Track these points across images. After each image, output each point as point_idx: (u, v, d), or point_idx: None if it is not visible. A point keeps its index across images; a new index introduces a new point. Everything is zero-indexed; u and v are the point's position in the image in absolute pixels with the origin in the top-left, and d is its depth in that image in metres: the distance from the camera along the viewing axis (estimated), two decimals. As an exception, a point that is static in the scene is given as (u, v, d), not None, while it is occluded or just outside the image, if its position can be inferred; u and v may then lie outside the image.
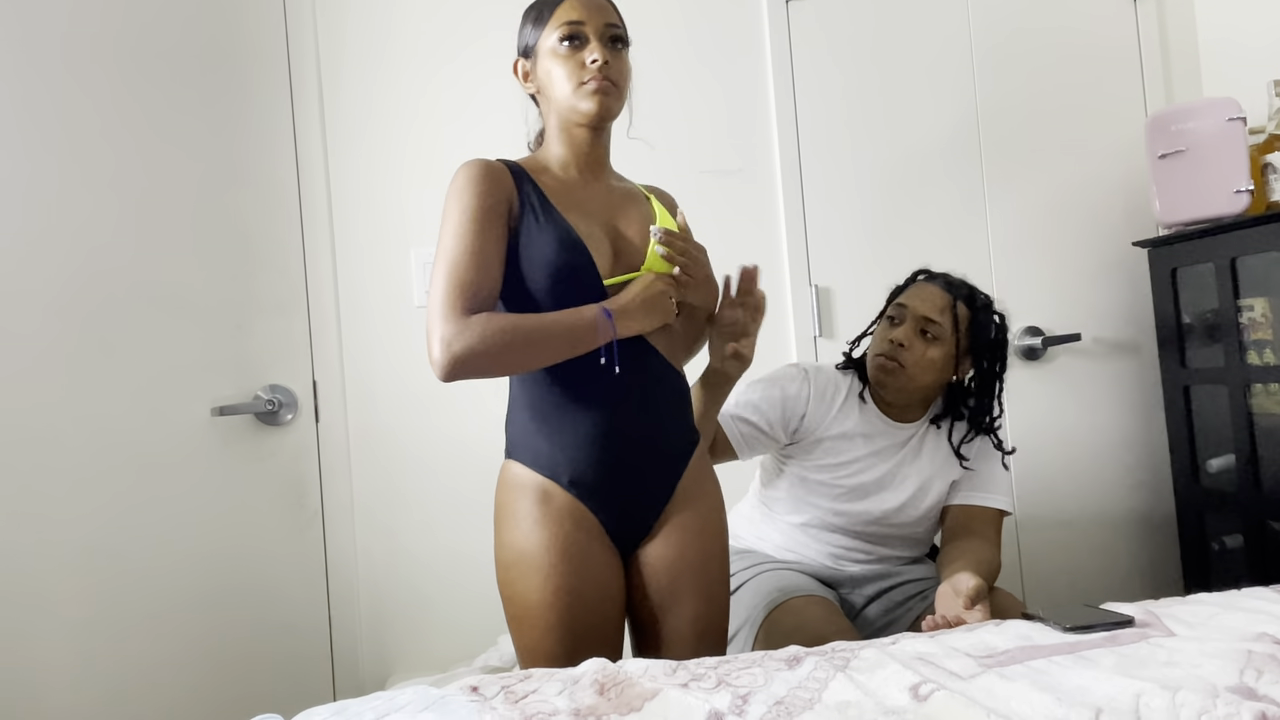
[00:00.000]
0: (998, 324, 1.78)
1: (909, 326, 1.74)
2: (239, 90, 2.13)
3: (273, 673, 2.08)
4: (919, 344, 1.72)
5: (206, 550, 2.03)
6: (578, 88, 1.38)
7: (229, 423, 2.08)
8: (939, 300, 1.75)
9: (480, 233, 1.33)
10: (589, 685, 1.08)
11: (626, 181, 1.54)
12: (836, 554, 1.81)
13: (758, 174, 2.41)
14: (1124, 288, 2.53)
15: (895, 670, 1.09)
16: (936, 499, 1.79)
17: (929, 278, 1.83)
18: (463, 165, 1.40)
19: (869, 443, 1.77)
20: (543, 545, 1.35)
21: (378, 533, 2.21)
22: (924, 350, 1.72)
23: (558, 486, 1.37)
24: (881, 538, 1.81)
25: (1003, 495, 1.78)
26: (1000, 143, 2.49)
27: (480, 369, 1.30)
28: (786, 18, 2.41)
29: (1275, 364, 2.09)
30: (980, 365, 1.77)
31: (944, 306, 1.74)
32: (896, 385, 1.74)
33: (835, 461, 1.77)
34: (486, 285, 1.32)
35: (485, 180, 1.37)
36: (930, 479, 1.78)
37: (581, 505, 1.37)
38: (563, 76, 1.39)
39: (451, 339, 1.27)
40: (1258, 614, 1.24)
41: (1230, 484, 2.22)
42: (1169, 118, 2.25)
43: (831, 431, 1.77)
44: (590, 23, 1.39)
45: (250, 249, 2.13)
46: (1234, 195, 2.12)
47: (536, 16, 1.43)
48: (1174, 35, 2.59)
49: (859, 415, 1.78)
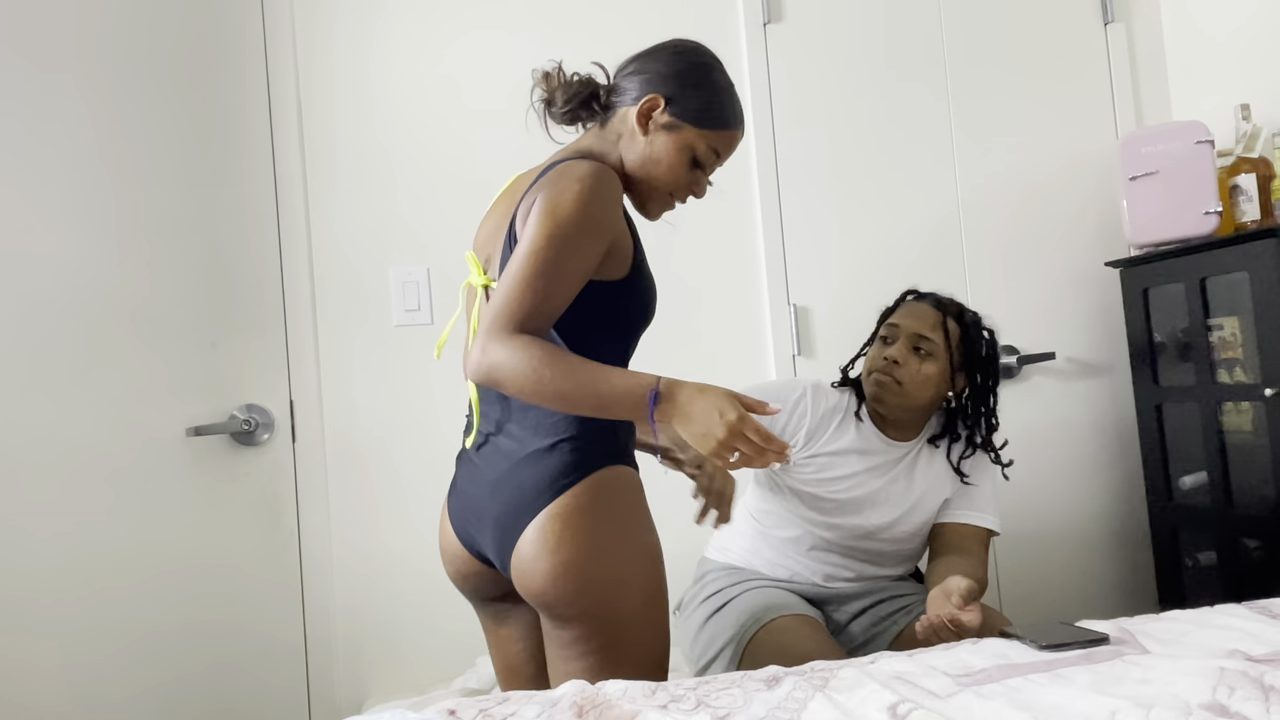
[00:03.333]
0: (988, 339, 1.81)
1: (902, 344, 1.76)
2: (217, 106, 2.13)
3: (247, 695, 2.05)
4: (913, 361, 1.75)
5: (181, 572, 2.00)
6: (664, 195, 1.38)
7: (205, 443, 2.06)
8: (930, 317, 1.78)
9: (586, 256, 1.22)
10: (568, 708, 1.07)
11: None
12: (828, 572, 1.82)
13: (737, 193, 2.42)
14: (1097, 307, 2.56)
15: (874, 690, 1.10)
16: (927, 516, 1.81)
17: (918, 297, 1.86)
18: (592, 167, 1.25)
19: (864, 459, 1.79)
20: (656, 545, 1.32)
21: (355, 554, 2.19)
22: (919, 367, 1.74)
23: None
24: (872, 555, 1.82)
25: (992, 515, 1.80)
26: (975, 163, 2.52)
27: (513, 390, 1.18)
28: (764, 39, 2.43)
29: (1245, 382, 2.12)
30: (974, 380, 1.80)
31: (935, 323, 1.77)
32: (894, 402, 1.76)
33: (829, 476, 1.78)
34: (556, 313, 1.22)
35: (614, 199, 1.26)
36: (922, 497, 1.80)
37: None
38: (674, 175, 1.35)
39: (482, 353, 1.18)
40: (1230, 631, 1.25)
41: (1203, 501, 2.25)
42: (1140, 140, 2.29)
43: (828, 448, 1.78)
44: (725, 159, 1.40)
45: (227, 267, 2.12)
46: (1203, 216, 2.16)
47: (711, 112, 1.35)
48: (1143, 59, 2.64)
49: (855, 432, 1.80)
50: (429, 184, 2.28)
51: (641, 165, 1.35)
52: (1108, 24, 2.61)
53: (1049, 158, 2.56)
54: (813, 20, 2.47)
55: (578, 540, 1.24)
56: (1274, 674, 1.06)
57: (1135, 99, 2.62)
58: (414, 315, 2.25)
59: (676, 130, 1.34)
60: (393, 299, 2.24)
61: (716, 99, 1.36)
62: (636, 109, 1.34)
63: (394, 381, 2.22)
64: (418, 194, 2.28)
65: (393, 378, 2.22)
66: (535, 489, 1.26)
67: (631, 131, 1.35)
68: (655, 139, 1.34)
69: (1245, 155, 2.19)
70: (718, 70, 1.38)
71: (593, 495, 1.26)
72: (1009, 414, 2.49)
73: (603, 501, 1.27)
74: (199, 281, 2.08)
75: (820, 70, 2.47)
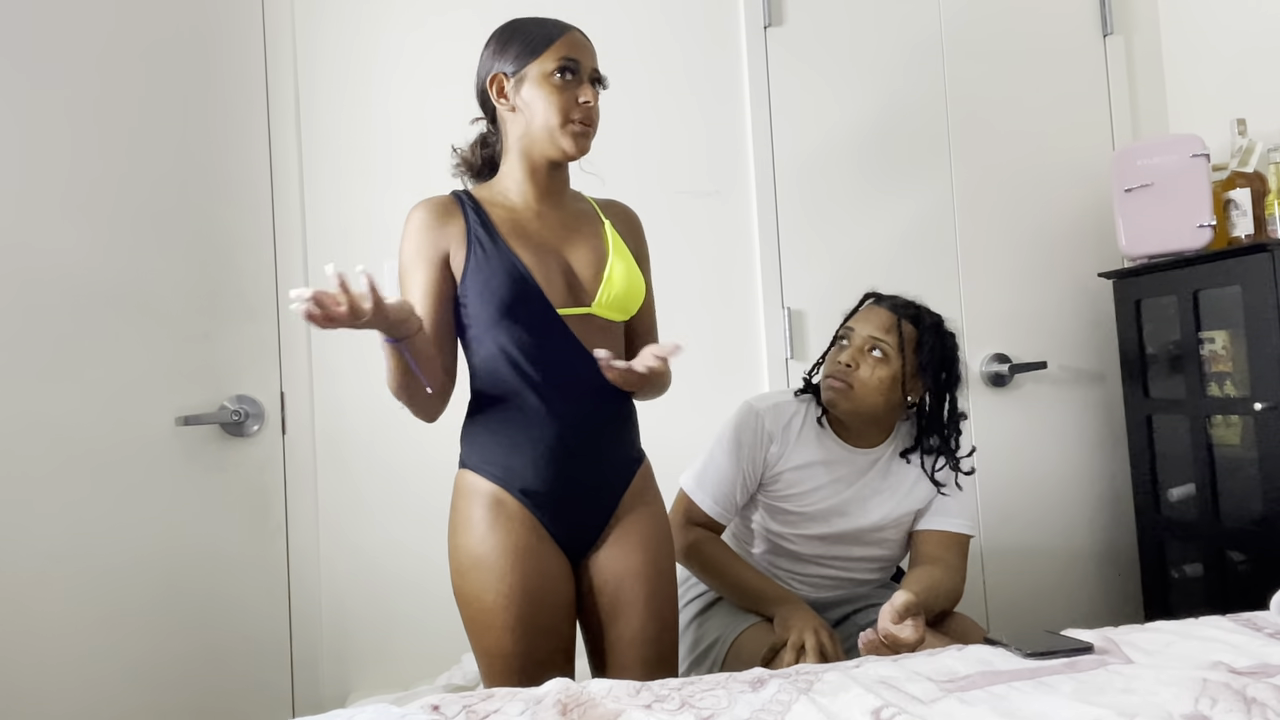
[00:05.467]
0: (947, 342, 1.78)
1: (855, 348, 1.75)
2: (214, 94, 2.12)
3: (232, 687, 2.04)
4: (866, 364, 1.72)
5: (167, 562, 2.00)
6: (564, 124, 1.43)
7: (193, 433, 2.05)
8: (884, 320, 1.75)
9: (420, 279, 1.46)
10: (551, 705, 1.07)
11: (584, 201, 1.57)
12: (809, 582, 1.82)
13: (733, 196, 2.42)
14: (1090, 318, 2.57)
15: (858, 694, 1.10)
16: (902, 523, 1.80)
17: (877, 300, 1.84)
18: (413, 208, 1.48)
19: (829, 470, 1.78)
20: (497, 548, 1.41)
21: (342, 548, 2.18)
22: (871, 370, 1.72)
23: (509, 495, 1.43)
24: (848, 562, 1.82)
25: (965, 519, 1.79)
26: (972, 171, 2.53)
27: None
28: (764, 43, 2.43)
29: (1234, 396, 2.13)
30: (933, 384, 1.77)
31: (889, 326, 1.74)
32: (847, 407, 1.74)
33: (798, 491, 1.77)
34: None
35: (423, 225, 1.46)
36: (895, 504, 1.79)
37: (531, 514, 1.43)
38: (551, 108, 1.43)
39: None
40: (1214, 643, 1.26)
41: (1190, 513, 2.25)
42: (1135, 152, 2.30)
43: (792, 463, 1.77)
44: (584, 62, 1.45)
45: (221, 256, 2.11)
46: (1197, 230, 2.17)
47: (528, 42, 1.45)
48: (1141, 72, 2.65)
49: (817, 443, 1.79)
50: (426, 178, 2.26)
51: (529, 125, 1.45)
52: (1106, 36, 2.62)
53: (1045, 167, 2.57)
54: (813, 26, 2.47)
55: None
56: (1256, 686, 1.06)
57: (1132, 111, 2.63)
58: (407, 310, 2.24)
59: (523, 78, 1.44)
60: (388, 292, 2.22)
61: (529, 31, 1.46)
62: (493, 97, 1.47)
63: (385, 375, 2.21)
64: (414, 187, 2.26)
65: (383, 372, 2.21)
66: None
67: (509, 117, 1.47)
68: (519, 100, 1.45)
69: (1240, 170, 2.20)
70: (519, 19, 1.50)
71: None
72: (1000, 422, 2.50)
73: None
74: (192, 271, 2.07)
75: (819, 75, 2.47)
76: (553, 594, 1.43)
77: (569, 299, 1.45)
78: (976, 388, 2.50)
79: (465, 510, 1.45)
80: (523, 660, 1.39)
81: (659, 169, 2.35)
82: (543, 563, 1.42)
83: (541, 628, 1.41)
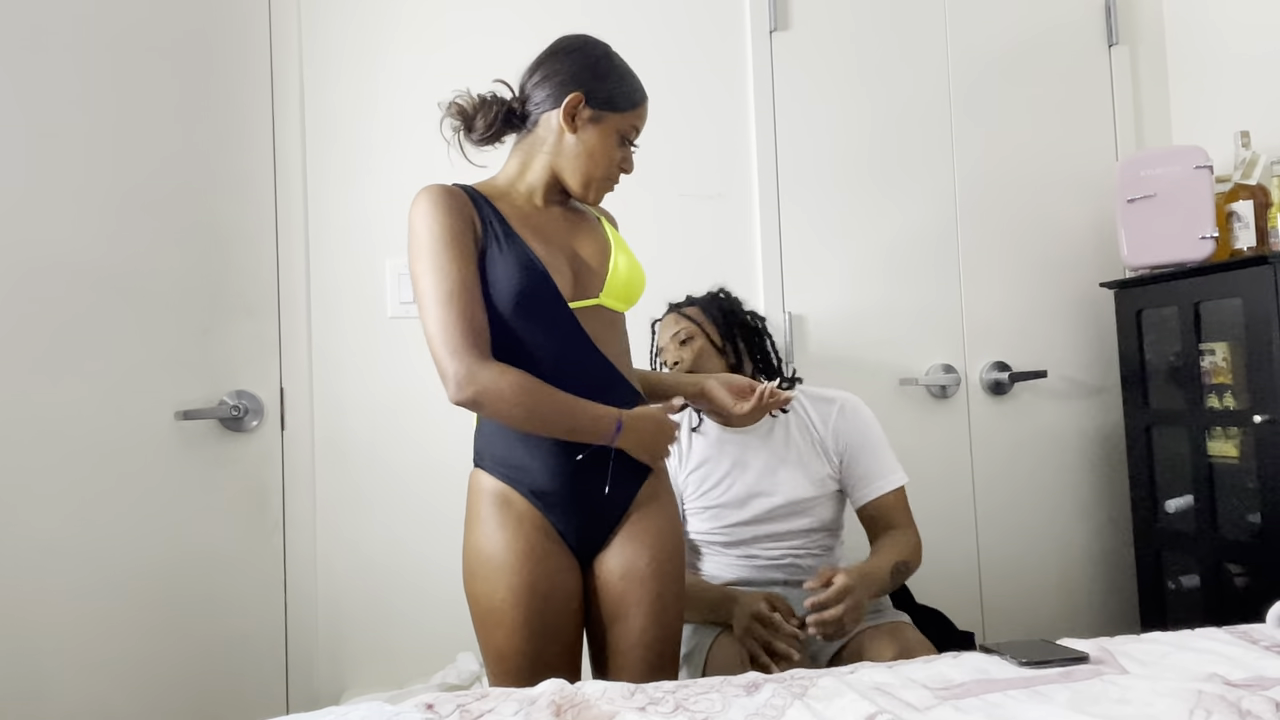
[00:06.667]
0: (729, 305, 1.96)
1: (671, 351, 1.92)
2: (219, 89, 2.12)
3: (226, 683, 2.04)
4: (685, 352, 1.90)
5: (163, 557, 1.99)
6: (603, 180, 1.50)
7: (192, 427, 2.05)
8: (672, 319, 1.96)
9: (462, 261, 1.39)
10: (546, 706, 1.07)
11: (580, 205, 1.60)
12: (760, 564, 1.86)
13: (737, 200, 2.42)
14: (1090, 327, 2.57)
15: (852, 700, 1.10)
16: (817, 482, 1.86)
17: (662, 318, 2.02)
18: (421, 191, 1.43)
19: (723, 457, 1.88)
20: (506, 547, 1.42)
21: (339, 545, 2.18)
22: (692, 352, 1.89)
23: (519, 494, 1.44)
24: (789, 535, 1.87)
25: (890, 472, 1.88)
26: (975, 179, 2.53)
27: (495, 414, 1.39)
28: (770, 47, 2.44)
29: (1233, 409, 2.13)
30: (744, 339, 1.93)
31: (678, 318, 1.95)
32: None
33: (708, 487, 1.88)
34: (480, 315, 1.39)
35: (450, 207, 1.41)
36: (805, 470, 1.86)
37: (541, 514, 1.44)
38: (607, 162, 1.49)
39: (468, 379, 1.34)
40: (1209, 654, 1.26)
41: (1188, 525, 2.25)
42: (1139, 163, 2.30)
43: (690, 466, 1.90)
44: (639, 133, 1.53)
45: (222, 250, 2.11)
46: (1199, 241, 2.17)
47: (622, 93, 1.49)
48: (1146, 83, 2.65)
49: (704, 440, 1.92)
50: (429, 176, 2.27)
51: (577, 159, 1.47)
52: (1112, 46, 2.62)
53: (1049, 176, 2.57)
54: (818, 32, 2.47)
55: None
56: (1251, 699, 1.06)
57: (1136, 122, 2.63)
58: (409, 308, 2.23)
59: (600, 120, 1.47)
60: (388, 290, 2.24)
61: (624, 83, 1.49)
62: (560, 111, 1.46)
63: (386, 374, 2.21)
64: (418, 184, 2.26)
65: (384, 370, 2.21)
66: None
67: (559, 133, 1.47)
68: (584, 133, 1.47)
69: (1243, 182, 2.20)
70: (615, 56, 1.52)
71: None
72: (999, 430, 2.50)
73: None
74: (194, 265, 2.07)
75: (824, 80, 2.47)
76: (561, 595, 1.43)
77: (576, 292, 1.46)
78: (976, 396, 2.50)
79: (476, 509, 1.46)
80: (530, 660, 1.39)
81: (664, 171, 2.35)
82: (552, 563, 1.43)
83: (548, 627, 1.41)
